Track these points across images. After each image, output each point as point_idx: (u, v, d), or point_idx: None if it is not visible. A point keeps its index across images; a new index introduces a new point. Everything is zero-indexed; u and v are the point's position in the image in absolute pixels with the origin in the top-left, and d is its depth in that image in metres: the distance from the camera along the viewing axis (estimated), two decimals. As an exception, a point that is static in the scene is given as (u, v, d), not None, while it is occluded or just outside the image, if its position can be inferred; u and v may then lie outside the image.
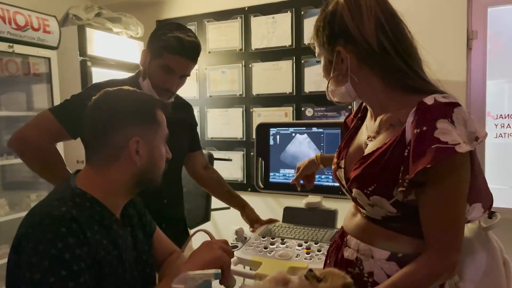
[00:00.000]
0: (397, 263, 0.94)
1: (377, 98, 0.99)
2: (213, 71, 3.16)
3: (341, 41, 0.95)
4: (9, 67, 2.45)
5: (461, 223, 0.89)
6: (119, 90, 1.04)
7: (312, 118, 2.81)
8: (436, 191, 0.86)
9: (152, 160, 1.02)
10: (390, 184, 0.89)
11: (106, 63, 2.83)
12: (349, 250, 1.05)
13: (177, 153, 1.65)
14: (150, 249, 1.15)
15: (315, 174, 1.67)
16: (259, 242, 1.69)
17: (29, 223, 0.89)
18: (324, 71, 1.04)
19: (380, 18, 0.93)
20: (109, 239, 0.96)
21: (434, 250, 0.88)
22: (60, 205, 0.90)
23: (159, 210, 1.53)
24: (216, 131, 3.18)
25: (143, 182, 1.03)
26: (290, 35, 2.86)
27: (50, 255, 0.83)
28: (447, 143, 0.82)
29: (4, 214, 2.35)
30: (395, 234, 0.96)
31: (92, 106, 1.01)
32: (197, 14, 3.17)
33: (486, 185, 0.95)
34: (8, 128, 2.52)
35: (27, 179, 2.63)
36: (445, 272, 0.89)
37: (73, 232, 0.87)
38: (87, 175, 1.01)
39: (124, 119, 0.98)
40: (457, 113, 0.85)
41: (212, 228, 3.12)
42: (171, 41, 1.45)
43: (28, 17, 2.33)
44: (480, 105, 2.36)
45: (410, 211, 0.91)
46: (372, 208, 0.96)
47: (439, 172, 0.85)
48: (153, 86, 1.50)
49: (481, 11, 2.34)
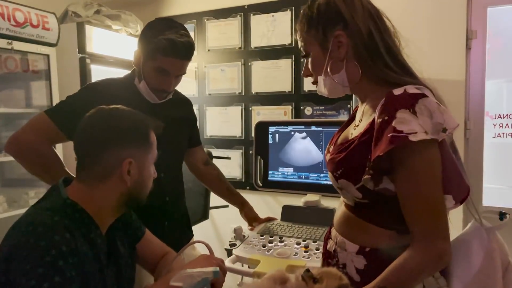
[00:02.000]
0: (364, 257, 0.97)
1: (362, 87, 1.02)
2: (212, 69, 3.16)
3: (339, 26, 0.97)
4: (8, 64, 2.44)
5: (440, 210, 0.90)
6: (114, 109, 1.04)
7: (311, 117, 2.81)
8: (405, 180, 0.89)
9: (141, 180, 1.04)
10: (357, 170, 0.93)
11: (105, 60, 2.82)
12: (331, 241, 1.09)
13: (176, 150, 1.66)
14: (133, 262, 1.16)
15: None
16: (257, 240, 1.70)
17: (21, 232, 0.89)
18: (315, 63, 1.04)
19: (369, 9, 0.98)
20: (93, 252, 0.96)
21: (418, 241, 0.89)
22: (52, 214, 0.92)
23: (161, 208, 1.53)
24: (215, 129, 3.18)
25: (131, 201, 1.05)
26: (290, 34, 2.85)
27: (44, 262, 0.84)
28: (402, 132, 0.85)
29: (3, 211, 2.35)
30: (366, 224, 0.99)
31: (86, 123, 1.01)
32: (197, 12, 3.17)
33: (459, 177, 0.95)
34: (7, 125, 2.51)
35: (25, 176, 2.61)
36: (432, 262, 0.89)
37: (66, 241, 0.88)
38: (78, 189, 1.01)
39: (119, 139, 0.99)
40: (421, 104, 0.88)
41: (211, 226, 3.13)
42: (163, 43, 1.40)
43: (27, 13, 2.32)
44: (479, 105, 2.37)
45: (378, 199, 0.94)
46: (341, 191, 1.01)
47: (402, 160, 0.88)
48: (149, 88, 1.48)
49: (481, 11, 2.34)
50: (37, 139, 1.38)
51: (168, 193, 1.57)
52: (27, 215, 0.95)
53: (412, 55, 1.05)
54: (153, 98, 1.50)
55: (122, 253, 1.10)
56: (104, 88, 1.48)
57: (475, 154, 2.37)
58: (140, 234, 1.21)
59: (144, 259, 1.22)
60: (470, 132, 2.37)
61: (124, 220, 1.14)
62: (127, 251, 1.13)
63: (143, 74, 1.48)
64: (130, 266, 1.13)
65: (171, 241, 1.34)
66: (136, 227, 1.20)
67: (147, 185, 1.07)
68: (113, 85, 1.51)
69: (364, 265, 0.98)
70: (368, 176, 0.91)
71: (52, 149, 1.44)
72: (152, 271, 1.23)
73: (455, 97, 2.33)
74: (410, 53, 1.04)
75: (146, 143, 1.04)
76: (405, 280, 0.90)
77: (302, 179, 1.91)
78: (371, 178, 0.91)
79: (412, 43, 1.07)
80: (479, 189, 2.35)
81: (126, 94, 1.47)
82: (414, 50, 1.06)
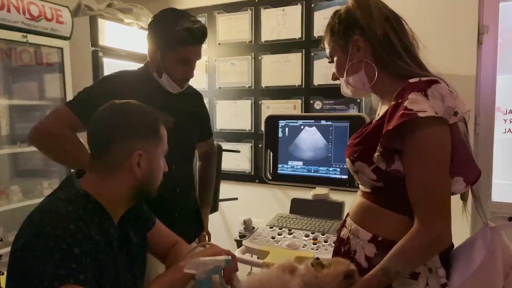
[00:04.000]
0: (375, 246, 1.02)
1: (382, 84, 1.07)
2: (222, 62, 3.18)
3: (357, 31, 1.07)
4: (23, 56, 2.48)
5: (442, 190, 0.94)
6: (126, 103, 1.08)
7: (321, 111, 2.82)
8: (411, 156, 0.94)
9: (151, 173, 1.06)
10: (371, 151, 0.98)
11: (117, 53, 2.85)
12: (345, 229, 1.14)
13: (187, 142, 1.68)
14: (145, 250, 1.19)
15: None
16: (266, 232, 1.72)
17: (37, 221, 0.93)
18: (338, 66, 1.13)
19: (386, 13, 1.06)
20: (106, 241, 1.00)
21: (419, 220, 0.93)
22: (67, 204, 0.95)
23: (172, 199, 1.56)
24: (225, 122, 3.20)
25: (141, 193, 1.08)
26: (300, 28, 2.86)
27: (61, 249, 0.87)
28: (412, 110, 0.90)
29: (18, 201, 2.40)
30: (380, 209, 1.03)
31: (99, 116, 1.05)
32: (208, 5, 3.18)
33: (470, 160, 0.99)
34: (21, 116, 2.56)
35: (39, 167, 2.68)
36: (433, 242, 0.93)
37: (80, 229, 0.92)
38: (91, 180, 1.04)
39: (129, 132, 1.03)
40: (434, 89, 0.94)
41: (220, 218, 3.16)
42: (183, 34, 1.46)
43: (42, 7, 2.35)
44: (489, 100, 2.36)
45: (392, 181, 0.98)
46: (357, 175, 1.07)
47: (409, 136, 0.93)
48: (172, 79, 1.52)
49: (493, 6, 2.32)
50: (62, 128, 1.42)
51: (179, 184, 1.60)
52: (43, 205, 0.99)
53: (423, 50, 1.09)
54: (175, 88, 1.56)
55: (134, 242, 1.13)
56: (121, 80, 1.51)
57: (485, 149, 2.37)
58: (151, 223, 1.25)
59: (155, 248, 1.25)
60: (480, 127, 2.36)
61: (135, 210, 1.17)
62: (139, 240, 1.16)
63: (163, 68, 1.51)
64: (141, 254, 1.17)
65: (181, 231, 1.37)
66: (147, 217, 1.24)
67: (157, 178, 1.10)
68: (128, 78, 1.54)
69: (374, 253, 1.02)
70: (378, 153, 0.96)
71: (74, 134, 1.47)
72: (163, 260, 1.27)
73: (465, 92, 2.31)
74: (422, 47, 1.09)
75: (156, 137, 1.07)
76: (407, 261, 0.94)
77: (311, 173, 1.93)
78: (383, 157, 0.96)
79: (423, 37, 1.10)
80: (489, 185, 2.34)
81: (142, 86, 1.51)
82: (425, 44, 1.10)
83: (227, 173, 3.07)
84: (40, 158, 2.59)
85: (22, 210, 2.35)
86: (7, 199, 2.36)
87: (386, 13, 1.06)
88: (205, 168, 1.92)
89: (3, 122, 2.42)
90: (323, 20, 2.71)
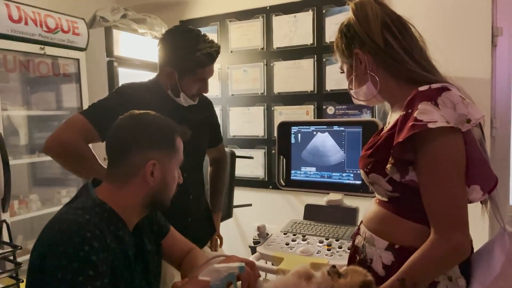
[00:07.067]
0: (392, 254, 1.01)
1: (391, 92, 1.07)
2: (235, 70, 3.20)
3: (356, 45, 1.07)
4: (40, 68, 2.55)
5: (459, 202, 0.92)
6: (145, 113, 1.11)
7: (334, 117, 2.82)
8: (424, 168, 0.93)
9: (164, 183, 1.08)
10: (384, 162, 0.97)
11: (132, 63, 2.90)
12: (359, 237, 1.13)
13: (199, 151, 1.71)
14: (159, 258, 1.21)
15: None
16: (280, 238, 1.73)
17: (55, 230, 0.95)
18: (348, 78, 1.14)
19: (385, 20, 1.04)
20: (121, 249, 1.02)
21: (436, 232, 0.92)
22: (83, 213, 0.97)
23: (185, 205, 1.59)
24: (238, 129, 3.22)
25: (155, 202, 1.10)
26: (312, 34, 2.87)
27: (79, 257, 0.90)
28: (422, 121, 0.89)
29: (37, 209, 2.45)
30: (396, 218, 1.01)
31: (118, 125, 1.08)
32: (220, 14, 3.21)
33: (486, 167, 0.97)
34: (39, 127, 2.62)
35: (57, 176, 2.73)
36: (449, 255, 0.91)
37: (97, 237, 0.94)
38: (106, 189, 1.07)
39: (145, 141, 1.05)
40: (445, 97, 0.92)
41: (234, 224, 3.17)
42: (203, 59, 1.53)
43: (59, 20, 2.41)
44: (505, 103, 2.33)
45: (408, 192, 0.97)
46: (373, 186, 1.05)
47: (421, 148, 0.92)
48: (188, 96, 1.59)
49: (507, 7, 2.30)
50: (76, 137, 1.45)
51: (191, 191, 1.63)
52: (60, 214, 1.01)
53: (436, 53, 1.08)
54: (189, 102, 1.62)
55: (149, 250, 1.15)
56: (134, 91, 1.55)
57: (501, 152, 2.34)
58: (165, 230, 1.27)
59: (169, 255, 1.27)
60: (497, 131, 2.33)
61: (149, 218, 1.19)
62: (154, 248, 1.18)
63: (181, 88, 1.56)
64: (156, 262, 1.18)
65: (193, 235, 1.39)
66: (161, 224, 1.26)
67: (170, 188, 1.11)
68: (140, 90, 1.58)
69: (391, 261, 1.01)
70: (390, 165, 0.95)
71: (88, 146, 1.51)
72: (177, 266, 1.28)
73: (480, 95, 2.29)
74: (435, 51, 1.08)
75: (171, 148, 1.09)
76: (423, 272, 0.93)
77: (325, 178, 1.93)
78: (396, 168, 0.95)
79: (437, 41, 1.10)
80: (506, 189, 2.31)
81: (154, 97, 1.55)
82: (439, 47, 1.10)
83: (241, 179, 3.09)
84: (58, 167, 2.63)
85: (40, 219, 2.40)
86: (26, 208, 2.40)
87: (385, 19, 1.04)
88: (216, 173, 1.95)
89: (22, 132, 2.48)
90: (334, 26, 2.71)
